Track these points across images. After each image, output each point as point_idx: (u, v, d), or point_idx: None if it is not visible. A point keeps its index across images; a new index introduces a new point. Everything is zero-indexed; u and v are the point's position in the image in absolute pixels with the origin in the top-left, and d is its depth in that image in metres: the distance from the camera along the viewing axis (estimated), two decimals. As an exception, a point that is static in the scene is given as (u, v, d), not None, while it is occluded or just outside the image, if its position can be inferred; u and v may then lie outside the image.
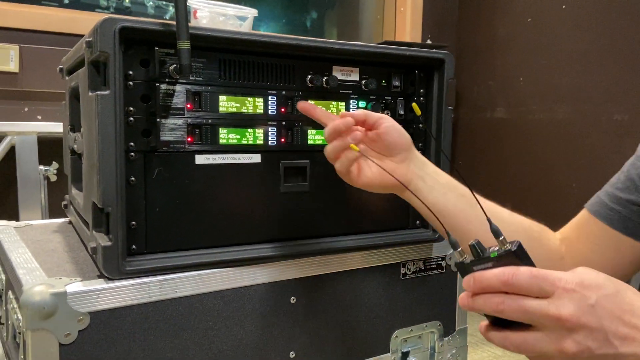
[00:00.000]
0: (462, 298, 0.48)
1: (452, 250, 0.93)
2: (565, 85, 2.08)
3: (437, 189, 0.70)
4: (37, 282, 0.63)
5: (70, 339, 0.62)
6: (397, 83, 0.87)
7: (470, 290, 0.47)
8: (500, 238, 0.47)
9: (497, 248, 0.47)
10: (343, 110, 0.81)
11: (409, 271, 0.89)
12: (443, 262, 0.93)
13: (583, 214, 0.73)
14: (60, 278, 0.66)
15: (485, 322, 0.49)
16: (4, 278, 0.83)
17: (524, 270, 0.44)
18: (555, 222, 0.75)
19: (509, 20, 2.31)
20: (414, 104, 0.68)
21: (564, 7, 2.07)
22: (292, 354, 0.79)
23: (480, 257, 0.48)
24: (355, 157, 0.70)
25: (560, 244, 0.73)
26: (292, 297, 0.79)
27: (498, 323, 0.48)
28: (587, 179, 2.00)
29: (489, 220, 0.48)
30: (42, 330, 0.61)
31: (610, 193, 0.69)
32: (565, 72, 2.08)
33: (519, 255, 0.46)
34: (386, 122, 0.71)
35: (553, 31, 2.12)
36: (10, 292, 0.76)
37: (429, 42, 2.44)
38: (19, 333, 0.69)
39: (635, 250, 0.67)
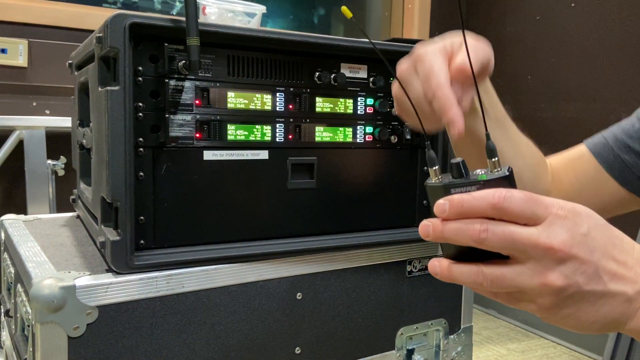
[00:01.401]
0: (426, 225, 0.40)
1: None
2: (574, 84, 2.07)
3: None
4: (47, 276, 0.64)
5: (78, 332, 0.63)
6: (405, 80, 0.87)
7: (444, 216, 0.39)
8: (494, 159, 0.40)
9: (484, 171, 0.40)
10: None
11: (415, 269, 0.89)
12: (449, 260, 0.93)
13: (581, 151, 0.73)
14: (69, 272, 0.67)
15: (438, 259, 0.42)
16: (13, 271, 0.84)
17: (517, 193, 0.37)
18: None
19: (517, 18, 2.30)
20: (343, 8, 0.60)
21: (573, 5, 2.06)
22: (297, 350, 0.80)
23: (464, 179, 0.40)
24: None
25: (551, 180, 0.72)
26: (298, 294, 0.79)
27: (460, 258, 0.41)
28: (595, 178, 1.99)
29: (487, 135, 0.41)
30: (51, 323, 0.61)
31: (619, 139, 0.69)
32: (574, 71, 2.06)
33: (511, 182, 0.39)
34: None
35: (562, 29, 2.11)
36: (19, 285, 0.77)
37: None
38: (28, 326, 0.69)
39: (617, 196, 0.67)
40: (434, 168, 0.42)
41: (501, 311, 2.31)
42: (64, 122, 1.63)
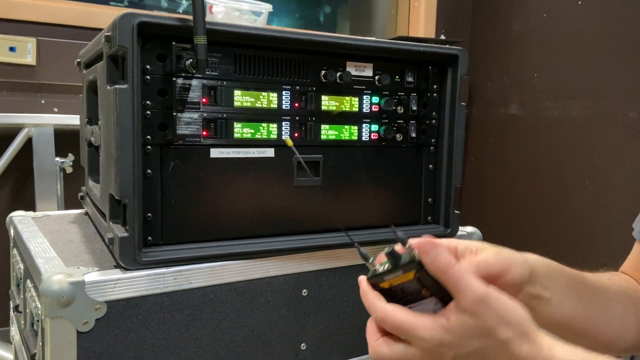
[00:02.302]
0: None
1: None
2: (580, 82, 2.06)
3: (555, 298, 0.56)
4: (56, 271, 0.65)
5: (87, 327, 0.64)
6: (410, 79, 0.87)
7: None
8: (388, 276, 0.46)
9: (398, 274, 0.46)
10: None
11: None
12: (454, 257, 0.93)
13: (636, 248, 0.70)
14: (78, 267, 0.67)
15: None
16: (22, 267, 0.85)
17: (392, 321, 0.44)
18: (568, 219, 0.74)
19: (524, 15, 2.29)
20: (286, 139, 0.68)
21: (580, 2, 2.05)
22: (303, 346, 0.80)
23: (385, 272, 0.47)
24: None
25: None
26: (304, 290, 0.80)
27: None
28: (601, 177, 1.98)
29: (397, 237, 0.47)
30: (60, 318, 0.62)
31: None
32: (581, 69, 2.06)
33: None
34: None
35: (569, 27, 2.10)
36: (28, 281, 0.78)
37: (442, 37, 2.43)
38: (37, 321, 0.70)
39: None
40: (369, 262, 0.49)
41: (506, 309, 2.31)
42: (72, 119, 1.64)
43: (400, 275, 0.45)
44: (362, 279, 0.49)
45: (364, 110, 0.84)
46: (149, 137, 0.69)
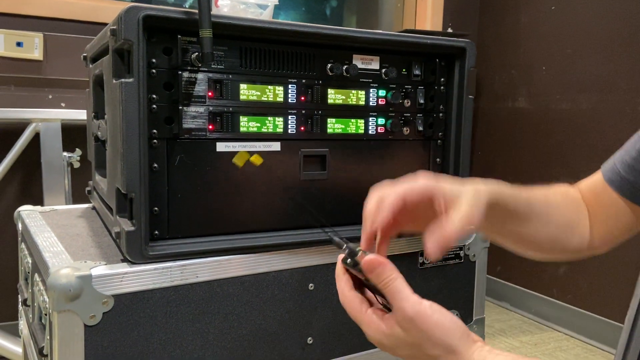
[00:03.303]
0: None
1: (469, 241, 0.93)
2: (589, 75, 2.04)
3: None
4: (63, 265, 0.65)
5: (94, 321, 0.64)
6: (417, 72, 0.87)
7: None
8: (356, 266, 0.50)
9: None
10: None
11: (427, 261, 0.89)
12: (461, 252, 0.93)
13: (599, 179, 0.74)
14: (86, 261, 0.68)
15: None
16: (30, 261, 0.85)
17: (346, 307, 0.52)
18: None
19: (532, 8, 2.27)
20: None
21: (589, -6, 2.03)
22: (309, 340, 0.80)
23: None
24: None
25: (588, 221, 0.73)
26: (310, 284, 0.79)
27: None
28: (610, 170, 1.97)
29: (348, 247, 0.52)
30: (67, 311, 0.63)
31: (625, 161, 0.70)
32: (589, 62, 2.04)
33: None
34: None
35: (577, 19, 2.08)
36: (36, 275, 0.78)
37: (450, 30, 2.41)
38: (45, 314, 0.71)
39: (634, 214, 0.69)
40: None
41: (514, 304, 2.31)
42: (80, 114, 1.65)
43: (357, 272, 0.51)
44: (339, 259, 0.53)
45: (371, 104, 0.84)
46: (155, 131, 0.69)
